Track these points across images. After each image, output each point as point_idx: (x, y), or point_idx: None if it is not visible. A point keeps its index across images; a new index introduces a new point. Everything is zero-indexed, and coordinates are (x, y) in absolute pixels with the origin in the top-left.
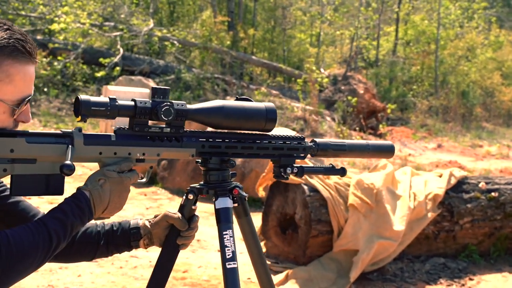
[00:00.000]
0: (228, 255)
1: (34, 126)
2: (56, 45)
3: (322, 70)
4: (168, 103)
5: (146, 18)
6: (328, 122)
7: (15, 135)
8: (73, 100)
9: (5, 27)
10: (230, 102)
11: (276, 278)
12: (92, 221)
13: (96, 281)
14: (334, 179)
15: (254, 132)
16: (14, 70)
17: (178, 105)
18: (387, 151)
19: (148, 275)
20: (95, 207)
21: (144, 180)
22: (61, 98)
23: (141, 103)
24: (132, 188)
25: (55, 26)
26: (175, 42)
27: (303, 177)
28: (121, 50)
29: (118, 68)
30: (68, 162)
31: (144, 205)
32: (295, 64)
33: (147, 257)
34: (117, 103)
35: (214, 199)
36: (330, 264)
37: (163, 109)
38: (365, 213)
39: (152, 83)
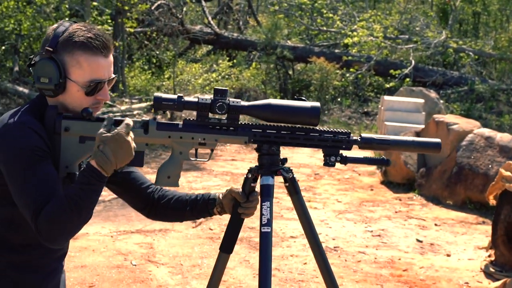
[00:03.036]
0: (264, 221)
1: None
2: (350, 58)
3: None
4: (223, 100)
5: (440, 30)
6: None
7: (103, 120)
8: (364, 110)
9: (83, 28)
10: (278, 100)
11: (493, 285)
12: (177, 192)
13: (318, 270)
14: None
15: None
16: (83, 59)
17: (233, 102)
18: (433, 147)
19: (370, 271)
20: (104, 168)
21: (206, 160)
22: (353, 107)
23: (202, 100)
24: (388, 192)
25: (348, 40)
26: (471, 53)
27: None
28: (413, 62)
29: (408, 79)
30: (89, 108)
31: (394, 209)
32: None
33: (373, 254)
34: (182, 100)
35: (260, 177)
36: None
37: (217, 105)
38: None
39: (433, 94)
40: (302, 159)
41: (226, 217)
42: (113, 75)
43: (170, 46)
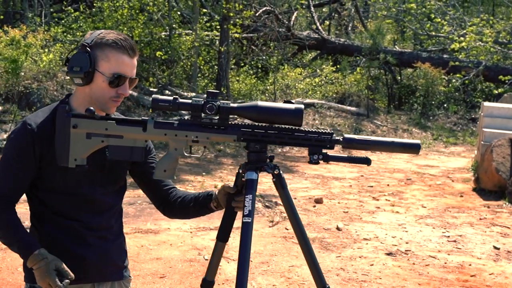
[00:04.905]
0: (245, 212)
1: (425, 139)
2: (457, 63)
3: None
4: (212, 102)
5: None
6: None
7: (109, 119)
8: (472, 116)
9: (115, 32)
10: (264, 102)
11: None
12: (188, 192)
13: (384, 271)
14: None
15: (290, 126)
16: (111, 54)
17: (222, 104)
18: (412, 147)
19: (437, 274)
20: (27, 259)
21: (199, 155)
22: (460, 114)
23: (195, 101)
24: (478, 199)
25: (455, 45)
26: None
27: None
28: None
29: None
30: (92, 108)
31: (480, 216)
32: None
33: (444, 258)
34: (177, 101)
35: (242, 172)
36: None
37: (207, 106)
38: None
39: None
40: (397, 164)
41: (302, 219)
42: (135, 77)
43: (276, 51)
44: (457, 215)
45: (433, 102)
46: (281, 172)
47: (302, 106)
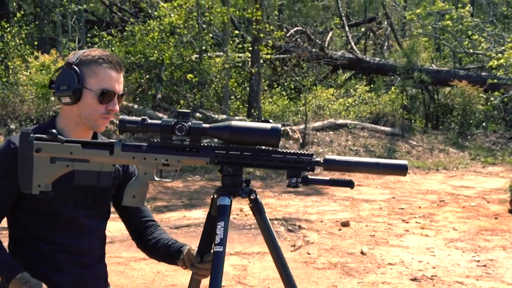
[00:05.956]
0: (217, 240)
1: (463, 159)
2: (495, 81)
3: None
4: (183, 123)
5: None
6: None
7: (74, 142)
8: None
9: (100, 50)
10: (238, 122)
11: None
12: (164, 235)
13: None
14: None
15: (267, 147)
16: (98, 70)
17: (193, 124)
18: (398, 169)
19: None
20: (9, 283)
21: (170, 180)
22: (499, 133)
23: (164, 122)
24: None
25: (493, 63)
26: None
27: None
28: None
29: None
30: (54, 130)
31: None
32: None
33: (472, 284)
34: (145, 122)
35: (217, 197)
36: None
37: (177, 127)
38: None
39: None
40: (431, 185)
41: (326, 243)
42: (123, 93)
43: (310, 72)
44: (489, 238)
45: (471, 121)
46: (258, 197)
47: (279, 125)
